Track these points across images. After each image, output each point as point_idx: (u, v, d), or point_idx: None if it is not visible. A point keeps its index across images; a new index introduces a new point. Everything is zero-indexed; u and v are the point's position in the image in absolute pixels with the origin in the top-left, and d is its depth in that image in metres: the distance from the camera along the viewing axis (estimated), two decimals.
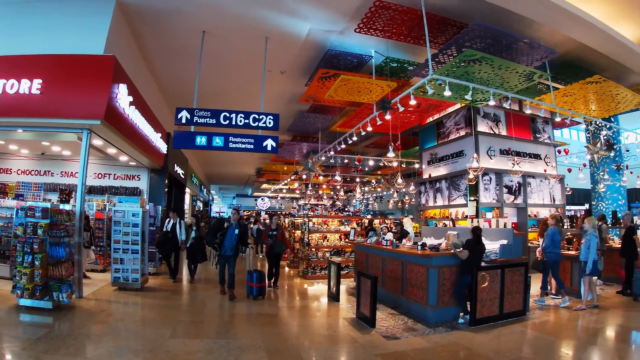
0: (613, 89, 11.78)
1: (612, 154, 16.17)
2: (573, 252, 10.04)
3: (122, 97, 8.71)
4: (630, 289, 9.73)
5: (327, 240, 13.88)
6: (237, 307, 8.40)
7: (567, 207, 17.89)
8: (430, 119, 16.70)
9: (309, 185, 27.71)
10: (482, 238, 7.85)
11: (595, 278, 9.55)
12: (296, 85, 13.17)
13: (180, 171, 17.58)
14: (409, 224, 12.68)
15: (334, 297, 9.36)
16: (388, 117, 10.36)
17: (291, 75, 12.49)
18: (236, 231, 9.35)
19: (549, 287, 9.72)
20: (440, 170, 16.10)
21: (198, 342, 5.97)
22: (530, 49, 9.51)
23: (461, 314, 7.61)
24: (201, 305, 8.92)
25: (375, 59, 10.96)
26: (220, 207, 57.36)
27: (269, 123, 9.28)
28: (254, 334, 6.56)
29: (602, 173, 16.69)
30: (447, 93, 8.98)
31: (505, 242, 8.86)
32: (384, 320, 7.49)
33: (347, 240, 13.48)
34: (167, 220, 11.48)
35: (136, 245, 9.73)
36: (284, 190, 34.66)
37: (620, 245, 10.69)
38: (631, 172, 16.89)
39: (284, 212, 25.46)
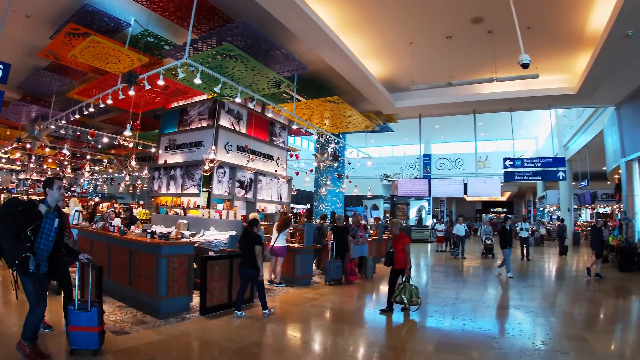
0: (348, 110, 13.74)
1: (336, 164, 18.70)
2: (296, 245, 11.28)
3: None
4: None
5: None
6: None
7: (292, 205, 20.00)
8: (175, 104, 16.69)
9: (32, 157, 24.38)
10: (250, 230, 8.05)
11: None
12: (40, 36, 11.41)
13: None
14: (73, 205, 12.59)
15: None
16: (132, 92, 10.04)
17: (37, 23, 10.80)
18: (56, 223, 5.47)
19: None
20: (176, 158, 16.18)
21: None
22: (285, 60, 10.46)
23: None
24: None
25: (133, 29, 10.47)
26: None
27: None
28: None
29: (325, 179, 19.19)
30: (198, 81, 9.24)
31: (234, 233, 9.40)
32: (111, 314, 7.26)
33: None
34: None
35: None
36: (3, 160, 29.86)
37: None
38: (350, 182, 20.13)
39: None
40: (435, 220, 31.43)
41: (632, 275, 13.71)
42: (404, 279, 8.22)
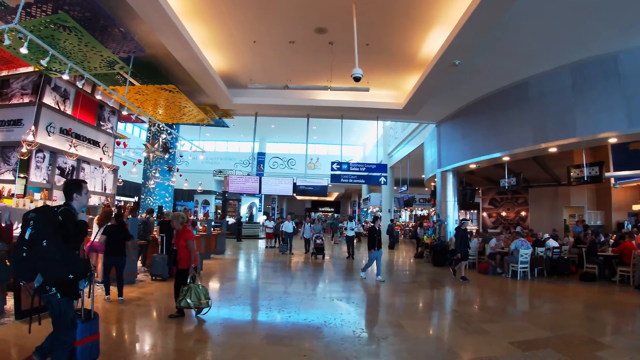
0: (183, 101, 13.63)
1: (166, 156, 18.36)
2: (142, 242, 11.09)
3: None
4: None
5: None
6: None
7: (117, 197, 19.16)
8: None
9: None
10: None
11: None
12: None
13: None
14: None
15: None
16: None
17: None
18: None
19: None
20: None
21: None
22: (123, 39, 10.07)
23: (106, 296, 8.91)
24: None
25: None
26: None
27: None
28: None
29: (154, 171, 18.68)
30: (24, 51, 8.44)
31: None
32: None
33: None
34: None
35: None
36: None
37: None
38: (180, 175, 19.91)
39: None
40: (265, 217, 32.35)
41: (444, 269, 15.62)
42: (189, 280, 7.65)
